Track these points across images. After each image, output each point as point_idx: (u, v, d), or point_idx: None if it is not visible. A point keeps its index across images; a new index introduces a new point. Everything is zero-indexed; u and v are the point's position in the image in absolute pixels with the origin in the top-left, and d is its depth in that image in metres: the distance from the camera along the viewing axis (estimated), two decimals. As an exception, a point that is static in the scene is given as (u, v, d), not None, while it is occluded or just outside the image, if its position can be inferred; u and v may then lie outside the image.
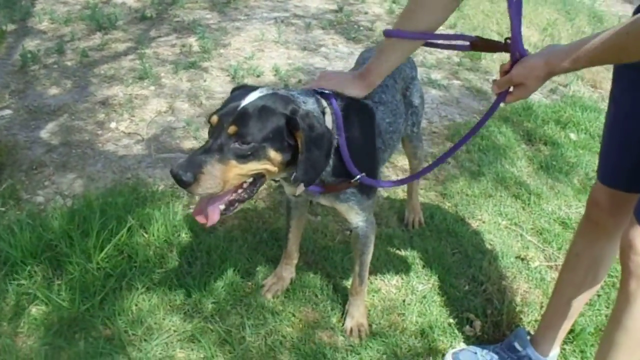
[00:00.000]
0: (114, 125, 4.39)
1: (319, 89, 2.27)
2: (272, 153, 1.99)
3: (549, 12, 8.15)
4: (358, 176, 2.25)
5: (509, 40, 2.02)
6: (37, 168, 3.80)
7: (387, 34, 2.24)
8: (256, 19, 6.82)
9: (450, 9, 2.22)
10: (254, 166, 1.99)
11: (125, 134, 4.29)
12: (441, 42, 2.31)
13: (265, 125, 1.96)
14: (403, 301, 2.99)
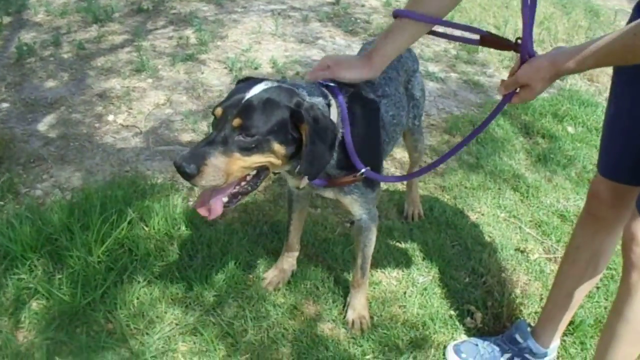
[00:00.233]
0: (112, 118, 4.38)
1: (324, 82, 2.25)
2: (277, 146, 1.99)
3: (546, 6, 8.15)
4: (363, 170, 2.24)
5: (520, 40, 2.02)
6: (35, 161, 3.78)
7: (397, 14, 2.17)
8: (253, 12, 6.80)
9: None
10: (258, 159, 1.98)
11: (123, 127, 4.28)
12: (449, 33, 2.31)
13: (269, 118, 1.95)
14: (404, 293, 2.99)
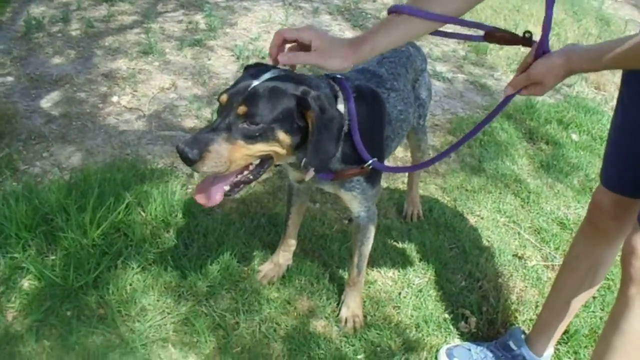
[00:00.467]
0: (116, 99, 4.35)
1: (331, 75, 2.22)
2: (282, 135, 1.95)
3: (558, 12, 8.09)
4: (370, 161, 2.21)
5: (528, 34, 1.98)
6: (36, 138, 3.76)
7: (394, 10, 1.93)
8: (264, 0, 6.76)
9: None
10: (262, 147, 1.95)
11: (126, 109, 4.26)
12: (451, 32, 2.16)
13: (275, 106, 1.92)
14: (399, 294, 2.97)
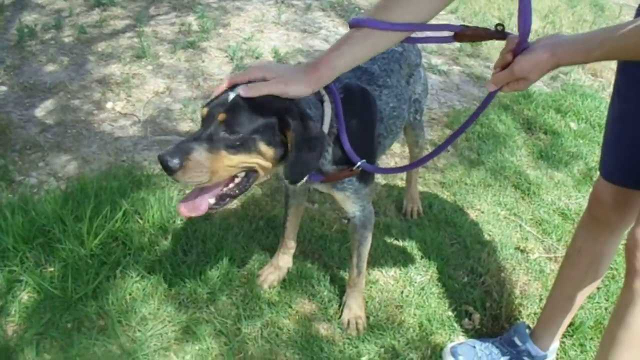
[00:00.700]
0: (111, 105, 4.32)
1: None
2: (263, 147, 1.91)
3: (551, -1, 8.09)
4: (359, 163, 2.18)
5: (500, 27, 1.88)
6: (31, 148, 3.73)
7: (355, 24, 1.88)
8: (256, -1, 6.74)
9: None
10: (245, 159, 1.91)
11: (121, 115, 4.23)
12: (420, 37, 2.08)
13: (255, 117, 1.88)
14: (401, 293, 2.95)
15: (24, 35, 5.13)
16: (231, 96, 1.90)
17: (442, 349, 2.68)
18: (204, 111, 1.93)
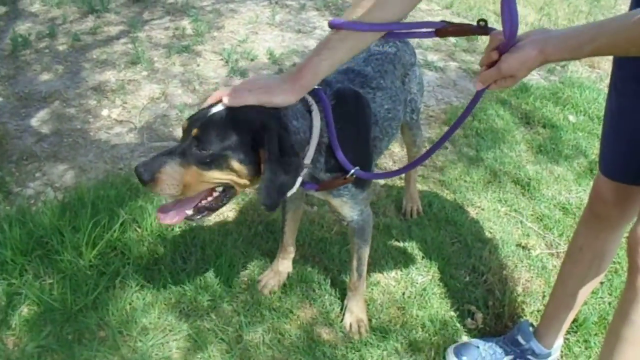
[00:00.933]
0: (106, 112, 4.30)
1: None
2: (236, 164, 1.90)
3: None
4: (352, 170, 2.16)
5: (483, 22, 1.83)
6: (28, 158, 3.72)
7: (335, 26, 1.91)
8: (250, 1, 6.71)
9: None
10: (218, 175, 1.91)
11: (117, 122, 4.21)
12: (402, 32, 2.04)
13: (227, 134, 1.88)
14: (402, 294, 2.93)
15: (18, 44, 5.12)
16: (212, 111, 1.91)
17: (446, 350, 2.66)
18: (184, 124, 1.96)
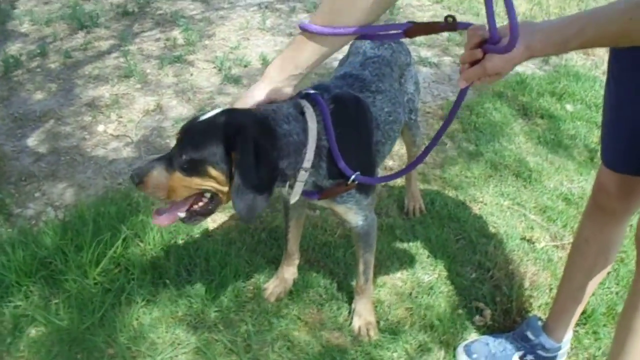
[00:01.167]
0: (102, 128, 4.29)
1: (304, 91, 2.16)
2: (213, 171, 1.92)
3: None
4: (353, 176, 2.14)
5: (450, 18, 1.77)
6: (26, 179, 3.70)
7: (301, 28, 1.87)
8: (240, 6, 6.69)
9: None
10: (199, 182, 1.94)
11: (113, 137, 4.20)
12: (372, 33, 1.96)
13: (201, 141, 1.92)
14: (409, 294, 2.92)
15: (10, 65, 5.09)
16: (201, 117, 1.97)
17: (456, 349, 2.65)
18: (178, 131, 2.03)
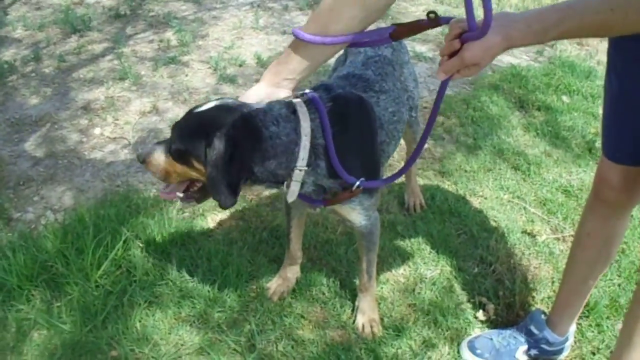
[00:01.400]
0: (99, 131, 4.27)
1: (301, 91, 2.13)
2: (195, 162, 2.00)
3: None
4: (357, 183, 2.11)
5: (432, 14, 1.77)
6: (25, 183, 3.69)
7: (297, 36, 1.90)
8: (232, 6, 6.68)
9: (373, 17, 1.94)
10: (185, 170, 2.06)
11: (110, 139, 4.18)
12: (359, 41, 1.97)
13: (186, 132, 2.02)
14: (412, 290, 2.91)
15: (4, 71, 5.07)
16: (201, 108, 2.03)
17: (459, 344, 2.65)
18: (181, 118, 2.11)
